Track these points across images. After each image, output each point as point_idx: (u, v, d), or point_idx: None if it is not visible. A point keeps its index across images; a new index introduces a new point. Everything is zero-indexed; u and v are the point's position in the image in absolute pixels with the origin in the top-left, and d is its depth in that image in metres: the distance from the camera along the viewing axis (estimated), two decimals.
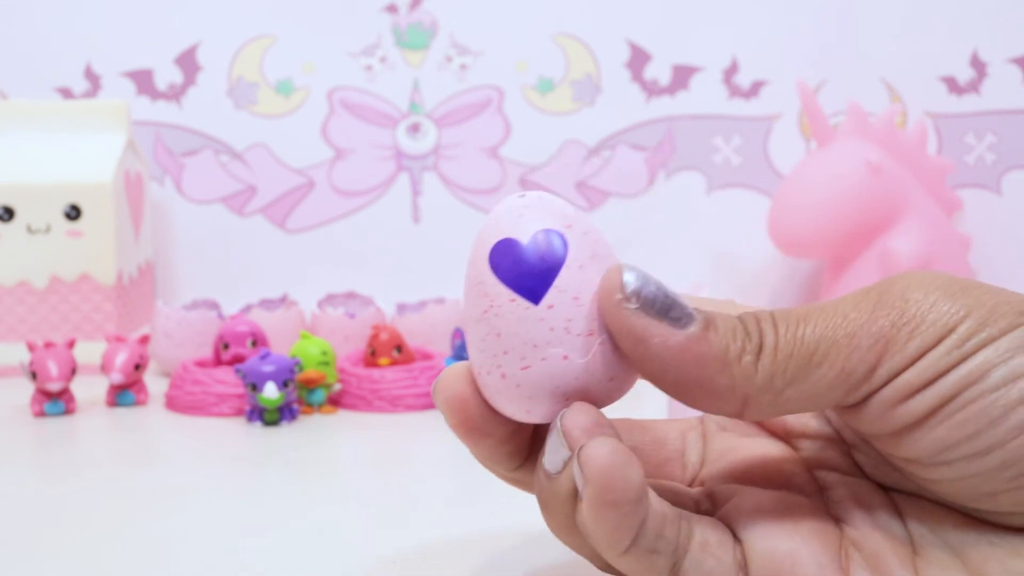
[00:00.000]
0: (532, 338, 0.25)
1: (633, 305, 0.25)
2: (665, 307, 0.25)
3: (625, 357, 0.26)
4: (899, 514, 0.27)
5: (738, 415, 0.25)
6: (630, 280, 0.25)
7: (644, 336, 0.25)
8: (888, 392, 0.24)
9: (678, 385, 0.25)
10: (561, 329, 0.25)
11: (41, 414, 0.64)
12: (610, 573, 0.27)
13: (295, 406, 0.62)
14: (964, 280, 0.25)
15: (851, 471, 0.28)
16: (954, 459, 0.24)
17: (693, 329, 0.24)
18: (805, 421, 0.30)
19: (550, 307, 0.25)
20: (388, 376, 0.65)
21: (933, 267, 0.86)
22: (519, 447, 0.29)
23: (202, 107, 1.00)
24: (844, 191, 0.86)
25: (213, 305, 0.80)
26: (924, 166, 0.91)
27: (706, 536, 0.25)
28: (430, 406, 0.65)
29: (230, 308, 0.84)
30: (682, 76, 1.00)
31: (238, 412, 0.64)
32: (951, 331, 0.24)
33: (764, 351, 0.25)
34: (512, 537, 0.40)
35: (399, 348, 0.68)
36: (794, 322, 0.25)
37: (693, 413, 0.29)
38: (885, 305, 0.25)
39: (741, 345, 0.25)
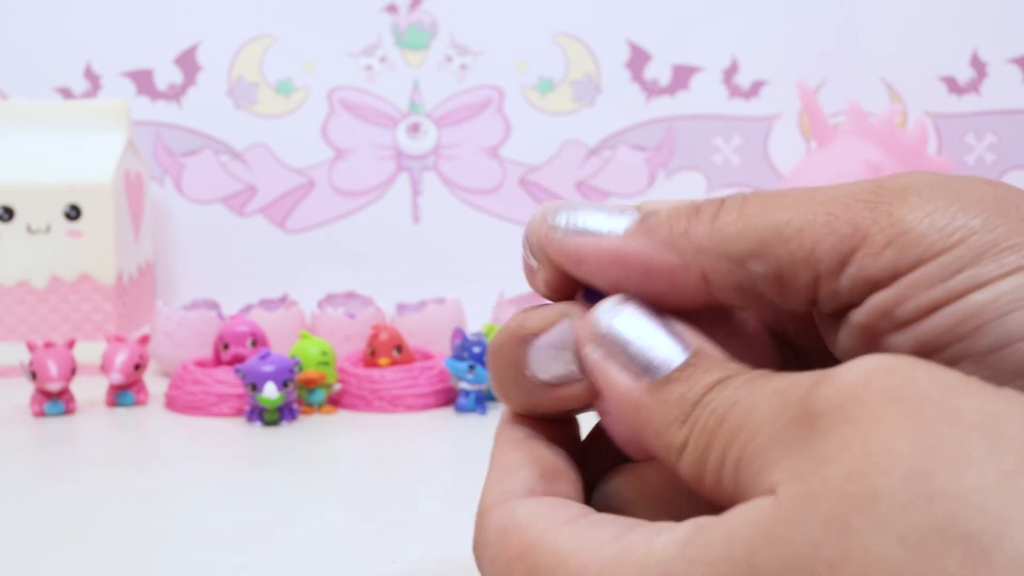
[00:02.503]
0: None
1: (560, 228, 0.22)
2: (588, 216, 0.22)
3: None
4: None
5: (705, 301, 0.21)
6: (550, 209, 0.22)
7: (579, 253, 0.21)
8: (863, 315, 0.20)
9: (630, 286, 0.21)
10: None
11: (41, 414, 0.64)
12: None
13: (295, 406, 0.62)
14: (991, 187, 0.20)
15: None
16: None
17: (627, 223, 0.21)
18: None
19: None
20: (388, 376, 0.65)
21: None
22: None
23: (202, 107, 1.00)
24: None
25: (213, 305, 0.80)
26: (924, 166, 0.91)
27: None
28: (430, 406, 0.65)
29: (230, 308, 0.84)
30: (682, 76, 1.00)
31: (238, 412, 0.64)
32: (936, 255, 0.19)
33: (721, 215, 0.20)
34: None
35: (399, 348, 0.68)
36: (766, 197, 0.21)
37: None
38: (879, 196, 0.20)
39: (688, 220, 0.21)
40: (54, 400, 0.64)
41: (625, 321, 0.20)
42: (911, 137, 0.90)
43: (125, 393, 0.67)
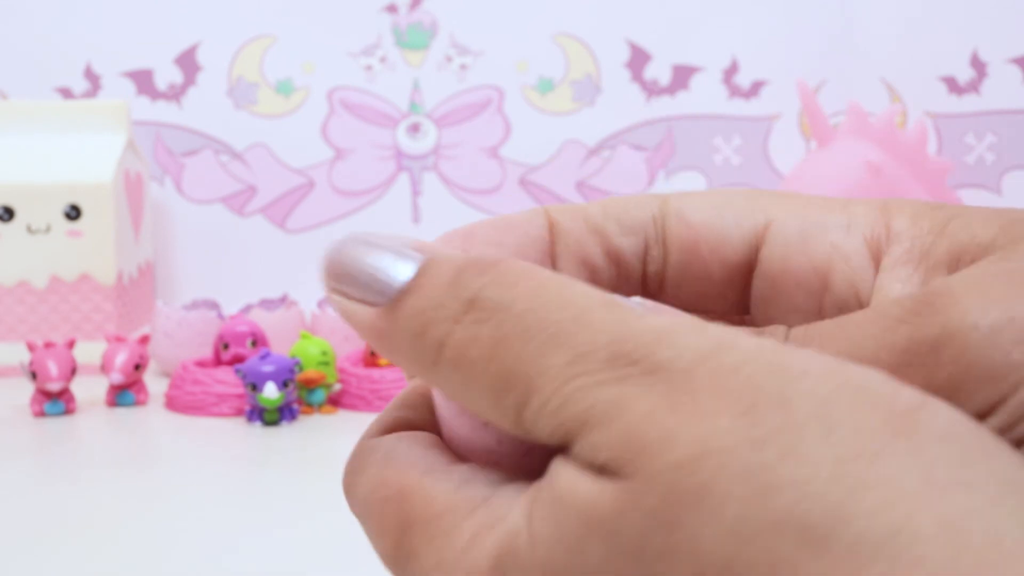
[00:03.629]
0: None
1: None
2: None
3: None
4: None
5: None
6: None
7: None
8: None
9: None
10: None
11: (41, 414, 0.64)
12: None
13: (295, 406, 0.62)
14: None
15: None
16: None
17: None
18: None
19: None
20: (388, 376, 0.65)
21: None
22: None
23: (202, 107, 1.00)
24: (844, 191, 0.86)
25: (213, 305, 0.80)
26: (924, 166, 0.91)
27: None
28: None
29: (230, 308, 0.84)
30: (682, 76, 1.00)
31: (238, 412, 0.64)
32: (1001, 403, 0.16)
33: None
34: None
35: None
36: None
37: None
38: (912, 351, 0.17)
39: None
40: (54, 400, 0.64)
41: (349, 254, 0.19)
42: (911, 137, 0.90)
43: (125, 393, 0.67)
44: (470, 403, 0.17)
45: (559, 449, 0.16)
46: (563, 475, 0.16)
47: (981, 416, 0.16)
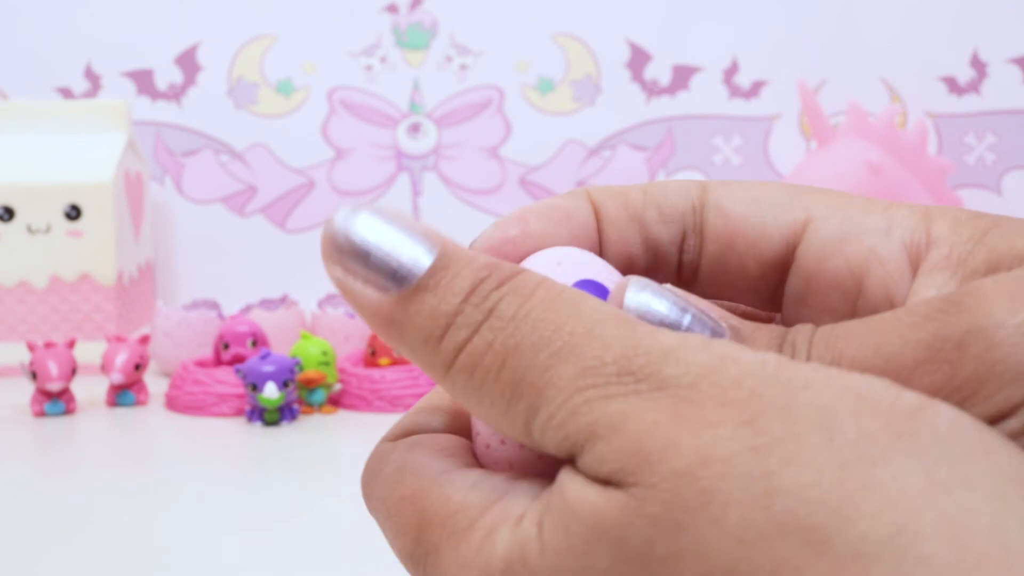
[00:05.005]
0: None
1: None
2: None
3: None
4: None
5: None
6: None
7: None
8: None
9: None
10: None
11: (41, 414, 0.64)
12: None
13: (295, 406, 0.62)
14: None
15: None
16: None
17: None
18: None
19: None
20: (388, 376, 0.65)
21: None
22: None
23: (202, 107, 1.00)
24: (844, 191, 0.86)
25: (213, 305, 0.80)
26: (924, 166, 0.91)
27: None
28: None
29: (230, 308, 0.84)
30: (682, 76, 1.00)
31: (238, 412, 0.63)
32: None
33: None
34: None
35: None
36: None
37: None
38: (938, 346, 0.16)
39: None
40: (54, 400, 0.64)
41: (361, 228, 0.17)
42: (911, 137, 0.90)
43: (125, 393, 0.67)
44: (479, 410, 0.17)
45: (567, 460, 0.16)
46: (570, 486, 0.16)
47: (1003, 415, 0.16)
